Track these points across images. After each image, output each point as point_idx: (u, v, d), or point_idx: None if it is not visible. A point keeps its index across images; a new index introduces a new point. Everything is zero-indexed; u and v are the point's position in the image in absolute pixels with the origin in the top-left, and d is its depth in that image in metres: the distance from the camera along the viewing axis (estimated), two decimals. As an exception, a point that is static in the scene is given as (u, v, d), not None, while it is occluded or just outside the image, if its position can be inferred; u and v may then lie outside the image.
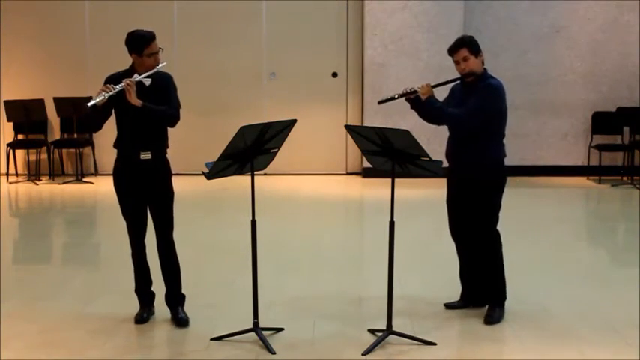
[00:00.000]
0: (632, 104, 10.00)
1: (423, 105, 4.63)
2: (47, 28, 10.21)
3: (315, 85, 10.26)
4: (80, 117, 4.01)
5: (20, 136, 10.15)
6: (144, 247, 4.62)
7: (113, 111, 4.47)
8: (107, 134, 4.55)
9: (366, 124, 9.57)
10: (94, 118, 4.42)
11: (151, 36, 4.42)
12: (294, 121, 4.28)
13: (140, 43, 4.39)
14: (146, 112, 4.34)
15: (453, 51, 4.61)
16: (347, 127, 4.44)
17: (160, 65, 4.45)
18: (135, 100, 4.29)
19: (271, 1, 10.14)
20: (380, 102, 4.72)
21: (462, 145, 4.63)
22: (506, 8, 9.97)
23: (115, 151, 4.54)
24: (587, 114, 10.06)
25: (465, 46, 4.57)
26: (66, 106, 9.71)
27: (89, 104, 4.25)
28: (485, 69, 4.64)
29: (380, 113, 9.72)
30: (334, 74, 10.29)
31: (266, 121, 4.19)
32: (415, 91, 4.61)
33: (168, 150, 4.59)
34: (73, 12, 10.18)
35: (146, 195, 4.51)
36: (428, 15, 9.73)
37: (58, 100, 9.80)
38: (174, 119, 4.46)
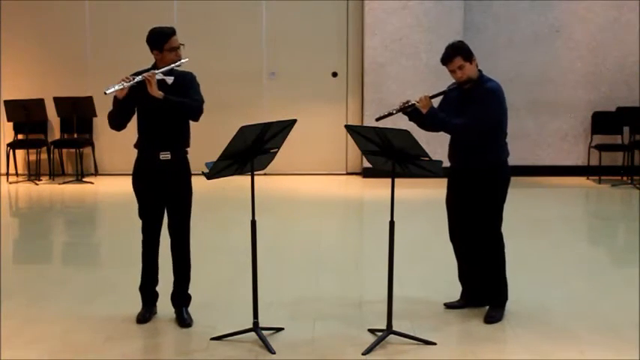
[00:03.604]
0: (632, 104, 9.99)
1: (422, 117, 4.59)
2: (47, 28, 10.20)
3: (315, 85, 10.26)
4: (108, 115, 4.04)
5: (20, 136, 10.14)
6: (158, 245, 4.61)
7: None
8: (107, 134, 4.56)
9: (366, 124, 9.55)
10: (118, 116, 4.40)
11: (171, 31, 4.43)
12: (294, 121, 4.28)
13: (160, 38, 4.39)
14: (168, 104, 4.32)
15: (446, 60, 4.50)
16: (347, 127, 4.44)
17: (182, 61, 4.45)
18: (156, 92, 4.28)
19: (271, 1, 10.14)
20: (377, 119, 4.68)
21: (464, 147, 4.59)
22: (506, 8, 9.97)
23: (132, 151, 4.53)
24: (587, 114, 10.06)
25: (459, 54, 4.46)
26: (66, 106, 9.70)
27: (107, 92, 4.23)
28: (480, 71, 4.57)
29: (380, 113, 9.70)
30: (334, 74, 10.28)
31: (266, 121, 4.19)
32: (413, 105, 4.59)
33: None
34: (73, 12, 10.17)
35: (165, 195, 4.50)
36: (428, 15, 9.73)
37: (58, 100, 9.79)
38: (197, 111, 4.45)
